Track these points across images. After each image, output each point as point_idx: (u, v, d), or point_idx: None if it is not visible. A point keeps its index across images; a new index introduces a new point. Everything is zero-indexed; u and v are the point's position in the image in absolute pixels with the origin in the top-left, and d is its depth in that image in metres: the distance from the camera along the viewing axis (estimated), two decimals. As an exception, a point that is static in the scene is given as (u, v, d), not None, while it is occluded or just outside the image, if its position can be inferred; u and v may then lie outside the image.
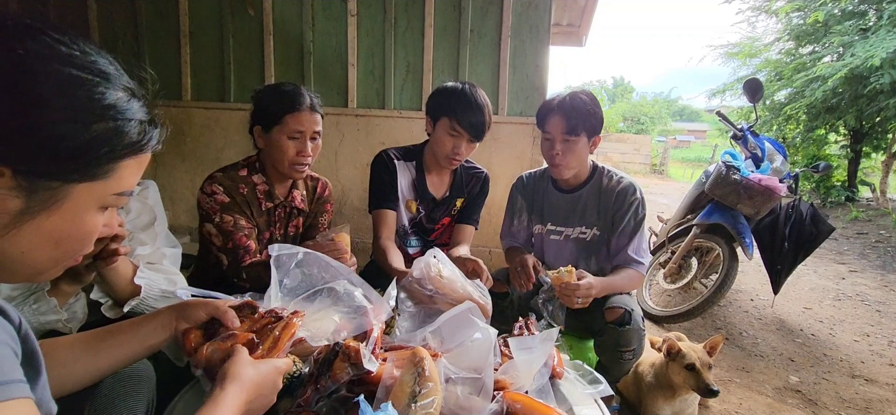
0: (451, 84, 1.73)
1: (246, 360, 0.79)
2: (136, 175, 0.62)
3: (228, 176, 1.52)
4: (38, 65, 0.51)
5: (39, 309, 1.03)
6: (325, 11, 3.08)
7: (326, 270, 1.11)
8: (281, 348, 0.87)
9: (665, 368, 1.80)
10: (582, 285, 1.52)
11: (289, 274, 1.08)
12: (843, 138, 8.81)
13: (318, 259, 1.11)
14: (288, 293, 1.06)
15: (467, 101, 1.65)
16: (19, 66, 0.50)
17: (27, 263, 0.57)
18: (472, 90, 1.68)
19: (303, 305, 1.02)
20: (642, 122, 31.63)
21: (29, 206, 0.53)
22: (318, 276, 1.11)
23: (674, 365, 1.76)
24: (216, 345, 0.85)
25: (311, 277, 1.11)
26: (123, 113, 0.57)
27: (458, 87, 1.70)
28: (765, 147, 3.12)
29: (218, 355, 0.82)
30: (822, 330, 3.23)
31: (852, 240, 6.12)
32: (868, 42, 6.62)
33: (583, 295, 1.52)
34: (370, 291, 1.10)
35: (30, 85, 0.50)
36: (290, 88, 1.49)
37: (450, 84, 1.73)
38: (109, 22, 3.30)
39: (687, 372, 1.72)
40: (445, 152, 1.71)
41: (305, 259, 1.10)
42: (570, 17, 4.96)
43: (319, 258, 1.11)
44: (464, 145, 1.70)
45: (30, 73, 0.50)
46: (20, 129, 0.50)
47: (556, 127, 1.65)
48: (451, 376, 0.97)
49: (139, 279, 1.15)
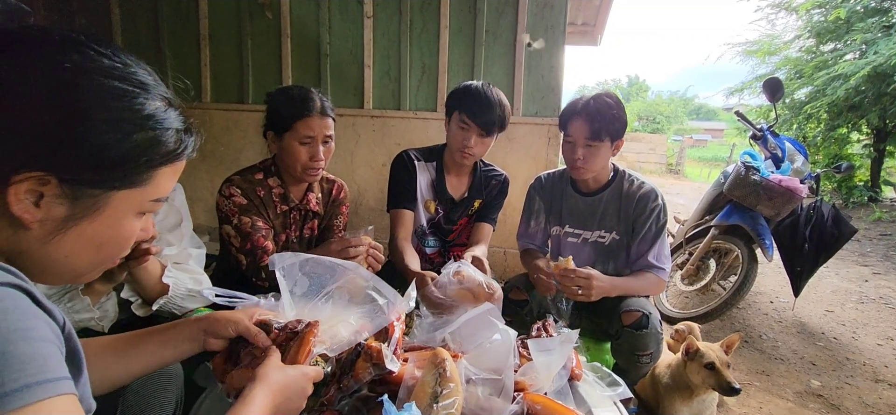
0: (468, 83, 1.76)
1: (276, 364, 0.80)
2: (171, 182, 0.64)
3: (246, 179, 1.54)
4: (83, 78, 0.53)
5: (74, 307, 1.07)
6: (341, 14, 3.11)
7: (333, 270, 1.10)
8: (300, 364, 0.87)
9: (683, 368, 1.78)
10: (580, 272, 1.52)
11: (297, 282, 1.08)
12: (866, 137, 8.59)
13: (322, 261, 1.10)
14: (299, 300, 1.05)
15: (478, 95, 1.68)
16: (66, 79, 0.52)
17: (69, 267, 0.59)
18: (486, 87, 1.71)
19: (316, 311, 1.01)
20: (658, 121, 31.21)
21: (73, 212, 0.55)
22: (327, 277, 1.10)
23: (692, 365, 1.74)
24: (241, 372, 0.86)
25: (319, 280, 1.10)
26: (162, 122, 0.59)
27: (473, 84, 1.73)
28: (785, 147, 3.07)
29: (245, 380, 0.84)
30: (844, 333, 3.16)
31: (875, 241, 5.97)
32: (892, 39, 6.45)
33: (582, 284, 1.52)
34: (380, 284, 1.08)
35: (75, 97, 0.52)
36: (300, 93, 1.48)
37: (467, 83, 1.76)
38: (132, 25, 3.38)
39: (707, 371, 1.70)
40: (457, 146, 1.73)
41: (309, 263, 1.09)
42: (585, 16, 4.94)
43: (322, 260, 1.10)
44: (473, 138, 1.70)
45: (75, 86, 0.53)
46: (66, 140, 0.52)
47: (579, 131, 1.62)
48: (471, 376, 0.98)
49: (167, 278, 1.18)
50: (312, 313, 1.00)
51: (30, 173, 0.51)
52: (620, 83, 45.67)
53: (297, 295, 1.06)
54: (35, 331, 0.48)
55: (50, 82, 0.51)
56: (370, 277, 1.10)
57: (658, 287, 1.75)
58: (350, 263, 1.13)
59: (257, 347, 0.88)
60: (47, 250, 0.56)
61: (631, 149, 16.98)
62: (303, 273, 1.09)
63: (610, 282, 1.60)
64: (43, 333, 0.49)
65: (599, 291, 1.55)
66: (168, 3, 3.31)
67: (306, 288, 1.09)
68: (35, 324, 0.48)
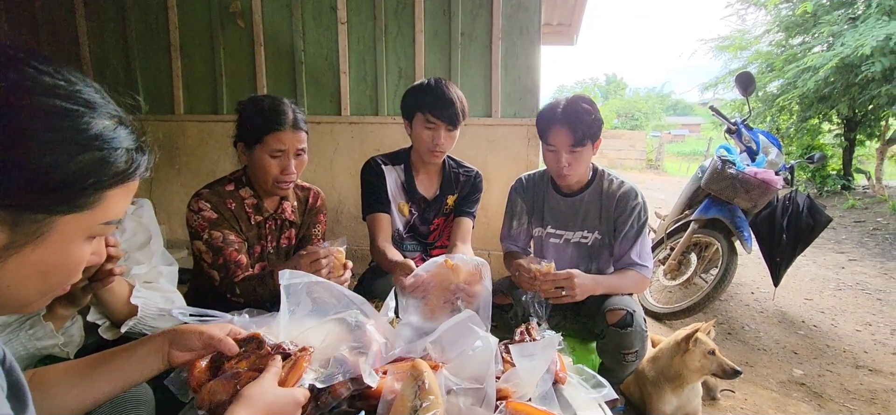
0: (419, 83, 1.77)
1: (266, 386, 0.78)
2: (124, 203, 0.60)
3: (215, 192, 1.49)
4: (22, 97, 0.49)
5: (36, 334, 1.02)
6: (315, 20, 3.07)
7: (340, 300, 1.10)
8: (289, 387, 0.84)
9: (680, 357, 1.81)
10: (559, 274, 1.51)
11: (300, 303, 1.06)
12: (837, 127, 8.84)
13: (331, 288, 1.10)
14: (296, 321, 1.03)
15: (436, 92, 1.69)
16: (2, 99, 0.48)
17: (13, 296, 0.55)
18: (440, 82, 1.72)
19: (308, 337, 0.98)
20: (636, 118, 31.72)
21: (13, 239, 0.51)
22: (331, 304, 1.10)
23: (693, 353, 1.79)
24: (219, 384, 0.82)
25: (321, 304, 1.09)
26: (110, 142, 0.55)
27: (426, 82, 1.74)
28: (759, 140, 3.12)
29: (220, 396, 0.81)
30: (824, 321, 3.23)
31: (850, 229, 6.14)
32: (857, 31, 6.65)
33: (565, 285, 1.52)
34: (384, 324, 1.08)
35: (13, 118, 0.49)
36: (271, 105, 1.43)
37: (419, 82, 1.77)
38: (100, 38, 3.29)
39: (708, 358, 1.78)
40: (427, 146, 1.72)
41: (318, 288, 1.08)
42: (561, 17, 4.98)
43: (332, 288, 1.10)
44: (443, 135, 1.70)
45: (12, 106, 0.49)
46: (3, 163, 0.48)
47: (562, 140, 1.61)
48: (452, 387, 0.96)
49: (135, 299, 1.13)
50: (305, 338, 0.97)
51: None
52: (598, 81, 46.29)
53: (297, 315, 1.04)
54: None
55: None
56: (374, 313, 1.10)
57: (642, 285, 1.76)
58: (358, 297, 1.12)
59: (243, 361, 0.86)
60: None
61: (611, 146, 17.22)
62: (309, 296, 1.08)
63: (592, 280, 1.60)
64: None
65: (583, 289, 1.55)
66: (137, 15, 3.23)
67: (308, 311, 1.07)
68: None
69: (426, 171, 1.89)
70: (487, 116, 3.00)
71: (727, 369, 1.76)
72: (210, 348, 0.87)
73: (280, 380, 0.83)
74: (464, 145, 2.80)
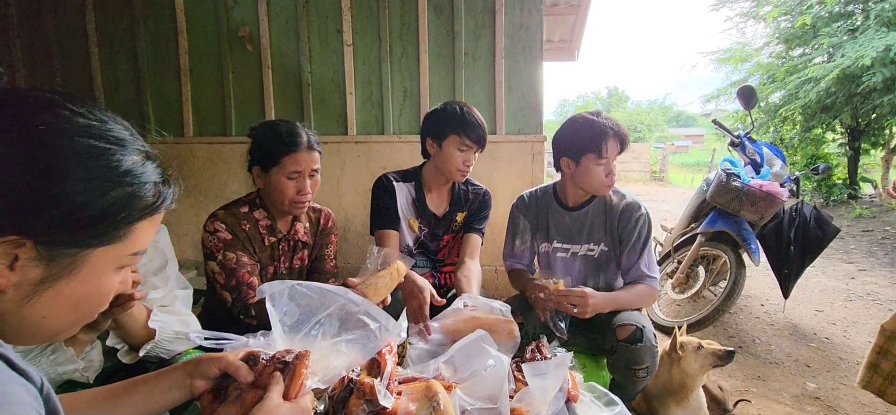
0: (447, 105, 1.82)
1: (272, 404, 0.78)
2: (150, 234, 0.62)
3: (231, 213, 1.52)
4: (58, 139, 0.52)
5: (57, 359, 1.04)
6: (321, 43, 3.12)
7: (323, 296, 1.05)
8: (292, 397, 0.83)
9: (678, 367, 1.82)
10: (574, 291, 1.54)
11: (287, 311, 1.03)
12: (841, 136, 8.84)
13: (311, 287, 1.05)
14: (289, 330, 1.01)
15: (469, 117, 1.78)
16: (40, 140, 0.51)
17: (47, 327, 0.57)
18: (468, 107, 1.81)
19: (307, 342, 0.97)
20: (639, 130, 31.79)
21: (49, 274, 0.54)
22: (317, 303, 1.05)
23: (686, 358, 1.81)
24: (226, 410, 0.82)
25: (308, 308, 1.05)
26: (139, 177, 0.58)
27: (456, 107, 1.80)
28: (763, 152, 3.13)
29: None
30: (835, 333, 3.20)
31: (858, 238, 6.10)
32: (857, 42, 6.70)
33: (577, 303, 1.53)
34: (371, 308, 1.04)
35: (50, 159, 0.51)
36: (287, 128, 1.48)
37: (446, 106, 1.82)
38: (112, 62, 3.35)
39: (699, 352, 1.81)
40: (457, 166, 1.80)
41: (296, 291, 1.05)
42: (562, 33, 5.05)
43: (311, 286, 1.05)
44: (472, 156, 1.81)
45: (50, 147, 0.51)
46: (41, 202, 0.51)
47: (613, 150, 1.68)
48: (466, 407, 0.96)
49: (153, 323, 1.15)
50: (303, 342, 0.97)
51: (4, 238, 0.50)
52: (600, 95, 46.52)
53: (288, 325, 1.01)
54: (12, 396, 0.46)
55: (24, 145, 0.50)
56: (361, 301, 1.06)
57: (651, 298, 1.77)
58: (340, 288, 1.09)
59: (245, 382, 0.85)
60: (23, 313, 0.54)
61: (615, 159, 17.19)
62: (292, 301, 1.04)
63: (603, 298, 1.61)
64: (20, 397, 0.47)
65: (594, 307, 1.56)
66: (147, 41, 3.30)
67: (296, 317, 1.04)
68: (12, 389, 0.46)
69: (437, 189, 1.92)
70: (492, 133, 3.03)
71: (721, 354, 1.78)
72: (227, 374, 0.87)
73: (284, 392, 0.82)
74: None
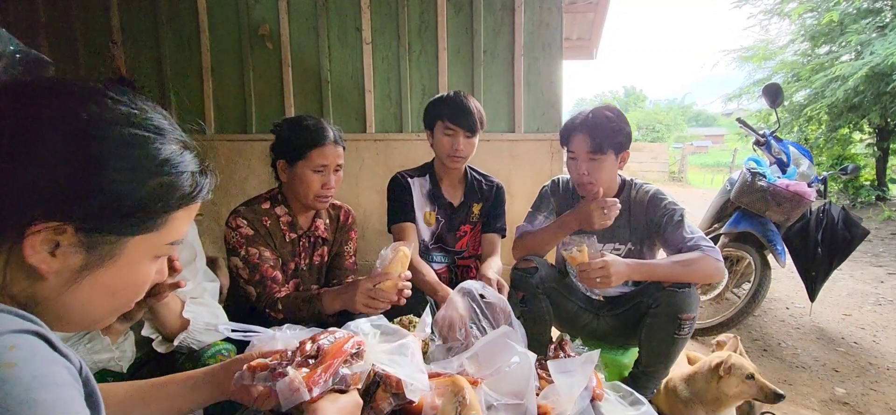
0: (439, 95, 1.88)
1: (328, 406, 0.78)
2: (187, 224, 0.63)
3: (252, 209, 1.55)
4: (101, 128, 0.53)
5: (93, 348, 1.06)
6: (340, 41, 3.14)
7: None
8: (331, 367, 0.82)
9: (717, 384, 1.74)
10: (594, 264, 1.47)
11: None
12: (869, 136, 8.59)
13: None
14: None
15: (454, 101, 1.80)
16: (83, 129, 0.52)
17: (86, 314, 0.58)
18: (458, 94, 1.83)
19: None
20: (657, 130, 31.31)
21: (89, 261, 0.55)
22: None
23: (729, 380, 1.71)
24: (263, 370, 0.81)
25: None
26: (177, 167, 0.59)
27: (445, 94, 1.86)
28: (789, 152, 3.05)
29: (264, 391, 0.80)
30: (864, 337, 3.10)
31: (887, 241, 5.91)
32: (887, 39, 6.49)
33: (599, 274, 1.47)
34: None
35: (93, 147, 0.52)
36: (314, 123, 1.52)
37: (438, 95, 1.88)
38: (136, 61, 3.42)
39: (747, 383, 1.68)
40: (447, 151, 1.81)
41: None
42: (580, 32, 4.99)
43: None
44: (461, 141, 1.79)
45: (93, 136, 0.53)
46: (84, 189, 0.52)
47: (580, 146, 1.62)
48: (492, 402, 0.95)
49: (187, 313, 1.17)
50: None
51: (46, 224, 0.51)
52: (617, 95, 45.98)
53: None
54: (54, 376, 0.47)
55: (69, 134, 0.52)
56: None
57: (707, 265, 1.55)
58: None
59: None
60: (64, 299, 0.55)
61: (633, 158, 16.74)
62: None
63: (627, 265, 1.53)
64: (62, 378, 0.48)
65: (618, 276, 1.49)
66: (170, 39, 3.36)
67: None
68: (54, 370, 0.47)
69: (450, 179, 1.95)
70: (510, 131, 3.01)
71: (769, 393, 1.66)
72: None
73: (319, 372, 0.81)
74: (487, 160, 2.82)
